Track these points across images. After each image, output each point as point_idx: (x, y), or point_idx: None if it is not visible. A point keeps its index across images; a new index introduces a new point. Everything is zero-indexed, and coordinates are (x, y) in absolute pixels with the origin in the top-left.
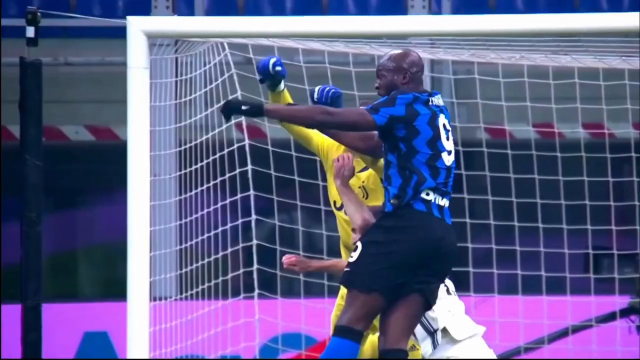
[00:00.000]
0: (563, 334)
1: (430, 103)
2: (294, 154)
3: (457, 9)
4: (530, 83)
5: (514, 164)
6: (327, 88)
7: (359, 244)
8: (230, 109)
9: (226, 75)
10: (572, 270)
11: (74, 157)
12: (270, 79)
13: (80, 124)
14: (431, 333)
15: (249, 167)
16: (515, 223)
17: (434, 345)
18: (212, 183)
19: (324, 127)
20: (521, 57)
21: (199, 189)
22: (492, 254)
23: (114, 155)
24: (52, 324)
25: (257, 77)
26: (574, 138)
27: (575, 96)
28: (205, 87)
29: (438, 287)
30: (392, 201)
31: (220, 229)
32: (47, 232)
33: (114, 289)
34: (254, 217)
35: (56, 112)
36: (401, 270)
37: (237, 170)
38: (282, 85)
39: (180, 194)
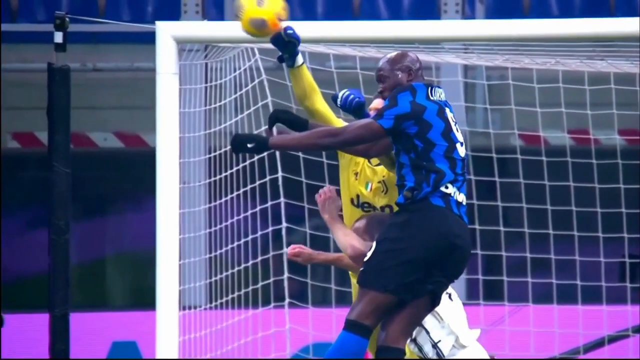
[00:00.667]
0: (599, 344)
1: (432, 96)
2: (325, 160)
3: (491, 14)
4: (565, 89)
5: (549, 171)
6: (351, 96)
7: (374, 243)
8: (236, 147)
9: (256, 81)
10: (608, 279)
11: (102, 164)
12: (285, 46)
13: (109, 130)
14: (434, 345)
15: (280, 174)
16: (550, 231)
17: (439, 355)
18: (242, 190)
19: (330, 149)
20: (556, 63)
21: (229, 196)
22: (527, 263)
23: (142, 163)
24: (80, 333)
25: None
26: (610, 144)
27: (611, 102)
28: (236, 93)
29: (446, 288)
30: (405, 193)
31: (250, 237)
32: (75, 241)
33: (143, 297)
34: (284, 224)
35: (84, 118)
36: (415, 268)
37: (268, 178)
38: (300, 58)
39: (210, 202)
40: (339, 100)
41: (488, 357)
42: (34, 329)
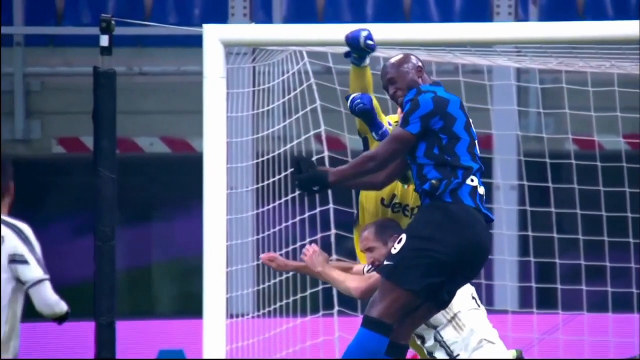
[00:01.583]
0: None
1: (446, 92)
2: None
3: (544, 15)
4: (620, 92)
5: (604, 176)
6: (357, 101)
7: (403, 236)
8: (302, 188)
9: (305, 84)
10: None
11: (148, 169)
12: (359, 52)
13: (155, 135)
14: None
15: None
16: (605, 238)
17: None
18: (290, 196)
19: (376, 172)
20: (611, 66)
21: (277, 202)
22: (581, 270)
23: (189, 168)
24: (126, 341)
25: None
26: None
27: None
28: (284, 96)
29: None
30: (433, 182)
31: (298, 243)
32: (121, 247)
33: (190, 305)
34: (333, 231)
35: (130, 123)
36: (442, 271)
37: None
38: (367, 59)
39: (258, 208)
40: (348, 102)
41: (511, 357)
42: (79, 336)
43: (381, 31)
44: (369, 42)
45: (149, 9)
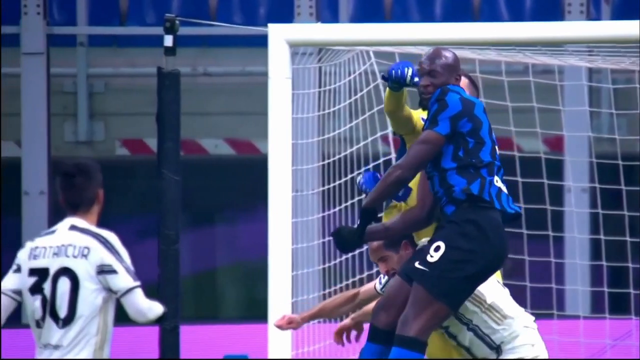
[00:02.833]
0: None
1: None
2: None
3: (617, 14)
4: None
5: None
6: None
7: (442, 245)
8: (348, 247)
9: (372, 85)
10: None
11: (213, 171)
12: (402, 85)
13: (220, 137)
14: (495, 347)
15: None
16: None
17: (498, 354)
18: (357, 199)
19: (405, 182)
20: None
21: (343, 205)
22: None
23: (254, 170)
24: (190, 345)
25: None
26: None
27: None
28: (350, 97)
29: None
30: (464, 189)
31: (365, 247)
32: (185, 251)
33: (255, 309)
34: None
35: (195, 124)
36: (474, 283)
37: None
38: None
39: (324, 210)
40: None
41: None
42: (144, 341)
43: (450, 31)
44: (416, 79)
45: (214, 9)
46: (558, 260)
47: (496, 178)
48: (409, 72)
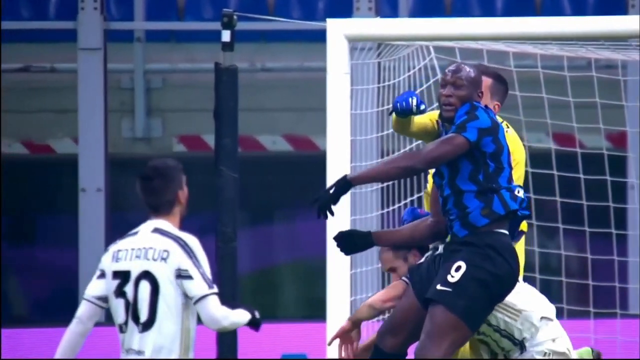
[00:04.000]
0: None
1: None
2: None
3: None
4: None
5: None
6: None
7: (463, 265)
8: (321, 207)
9: (432, 80)
10: None
11: (271, 168)
12: (409, 114)
13: (278, 133)
14: (519, 343)
15: None
16: None
17: (522, 349)
18: (416, 196)
19: (416, 172)
20: None
21: (402, 202)
22: None
23: (313, 167)
24: (248, 344)
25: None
26: None
27: None
28: None
29: None
30: (483, 212)
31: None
32: (243, 249)
33: (314, 308)
34: None
35: (252, 120)
36: (492, 306)
37: None
38: None
39: (383, 208)
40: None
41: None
42: (201, 340)
43: (511, 25)
44: (422, 107)
45: (272, 4)
46: (621, 258)
47: (518, 189)
48: (414, 101)
